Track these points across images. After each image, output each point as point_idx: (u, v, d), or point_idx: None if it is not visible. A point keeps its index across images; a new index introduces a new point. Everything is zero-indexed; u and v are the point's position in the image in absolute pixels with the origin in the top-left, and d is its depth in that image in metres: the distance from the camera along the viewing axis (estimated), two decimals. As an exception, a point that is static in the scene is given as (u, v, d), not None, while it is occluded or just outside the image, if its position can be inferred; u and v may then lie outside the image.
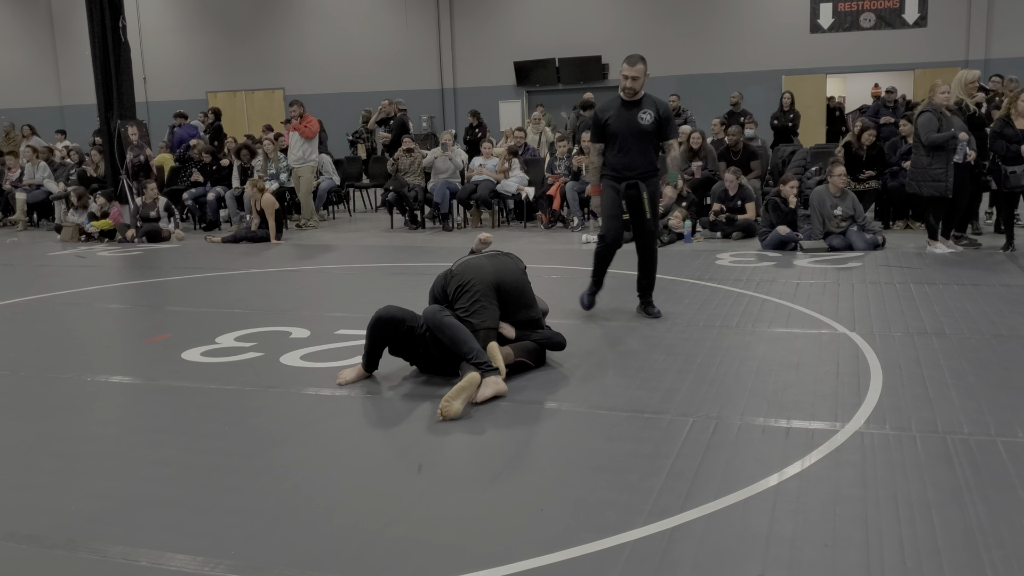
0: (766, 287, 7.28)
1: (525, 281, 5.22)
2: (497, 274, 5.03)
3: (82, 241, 12.14)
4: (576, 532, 3.04)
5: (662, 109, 6.13)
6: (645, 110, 6.07)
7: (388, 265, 8.92)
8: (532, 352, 5.06)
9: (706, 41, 19.98)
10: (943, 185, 8.54)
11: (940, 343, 5.38)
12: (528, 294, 5.19)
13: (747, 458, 3.67)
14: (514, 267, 5.21)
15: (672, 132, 6.27)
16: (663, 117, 6.10)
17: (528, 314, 5.14)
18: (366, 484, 3.54)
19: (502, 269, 5.10)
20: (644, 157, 6.15)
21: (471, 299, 4.87)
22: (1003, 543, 2.88)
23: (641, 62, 6.03)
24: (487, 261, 5.15)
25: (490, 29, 21.53)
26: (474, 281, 4.93)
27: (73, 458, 3.93)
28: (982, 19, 18.32)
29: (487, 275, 4.98)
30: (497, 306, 4.96)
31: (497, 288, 4.97)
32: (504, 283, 5.02)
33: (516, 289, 5.08)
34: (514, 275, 5.14)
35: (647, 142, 6.14)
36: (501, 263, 5.17)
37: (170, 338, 6.14)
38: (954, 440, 3.79)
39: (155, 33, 23.79)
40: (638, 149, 6.12)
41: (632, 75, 6.00)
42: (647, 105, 6.10)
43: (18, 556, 3.02)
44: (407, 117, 15.65)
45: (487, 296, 4.91)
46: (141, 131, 12.63)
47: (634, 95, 6.08)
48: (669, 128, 6.20)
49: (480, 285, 4.91)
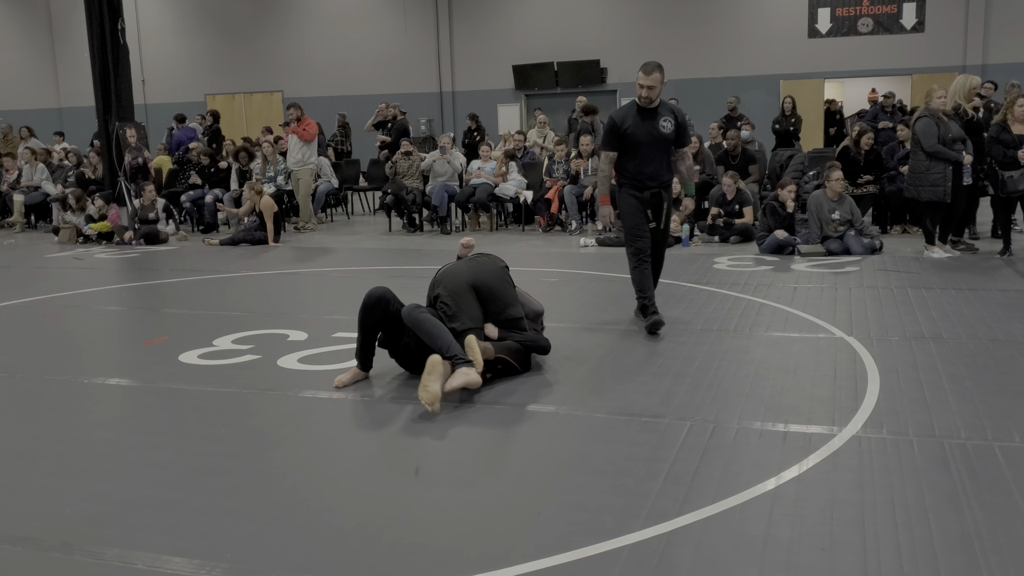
0: (763, 291, 7.28)
1: (504, 280, 5.21)
2: (473, 275, 5.05)
3: (80, 243, 12.14)
4: (573, 536, 3.04)
5: (679, 116, 6.07)
6: (665, 118, 5.98)
7: (386, 268, 8.92)
8: (514, 352, 5.02)
9: (704, 45, 20.02)
10: (941, 190, 8.56)
11: (937, 348, 5.39)
12: (507, 292, 5.16)
13: (744, 462, 3.67)
14: (492, 266, 5.21)
15: (687, 139, 6.22)
16: (680, 124, 6.05)
17: (509, 312, 5.11)
18: (363, 487, 3.54)
19: (478, 270, 5.12)
20: (666, 166, 6.11)
21: (450, 303, 4.90)
22: (1000, 548, 2.88)
23: (657, 70, 5.89)
24: (464, 265, 5.18)
25: (489, 32, 21.56)
26: (451, 286, 4.97)
27: (70, 460, 3.93)
28: (979, 24, 18.38)
29: (462, 278, 5.01)
30: (477, 306, 4.96)
31: (474, 288, 4.99)
32: (480, 282, 5.03)
33: (494, 288, 5.07)
34: (491, 274, 5.14)
35: (667, 150, 6.08)
36: (478, 264, 5.20)
37: (167, 340, 6.13)
38: (951, 445, 3.79)
39: (154, 35, 23.80)
40: (660, 158, 6.05)
41: (648, 84, 5.87)
42: (664, 112, 6.01)
43: (14, 559, 3.02)
44: (407, 121, 15.67)
45: (464, 298, 4.92)
46: (139, 133, 12.63)
47: (650, 103, 5.95)
48: (685, 136, 6.14)
49: (457, 288, 4.95)
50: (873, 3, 18.93)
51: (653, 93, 5.90)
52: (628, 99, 6.28)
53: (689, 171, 6.35)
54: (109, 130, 12.40)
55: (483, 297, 5.02)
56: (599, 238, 10.42)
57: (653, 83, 5.87)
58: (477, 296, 4.99)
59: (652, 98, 5.92)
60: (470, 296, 4.96)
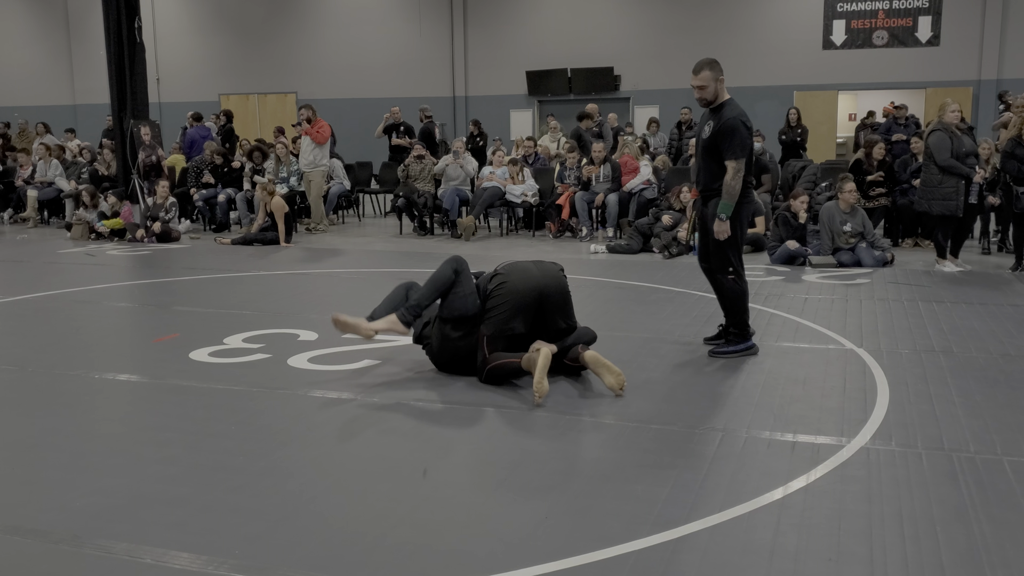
0: (774, 301, 7.27)
1: (567, 288, 5.12)
2: (542, 279, 4.97)
3: (92, 239, 12.19)
4: (580, 541, 3.04)
5: (722, 121, 5.41)
6: (709, 121, 5.51)
7: (396, 270, 8.93)
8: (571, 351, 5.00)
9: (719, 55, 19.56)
10: (953, 204, 8.53)
11: (947, 361, 5.37)
12: (570, 302, 5.12)
13: (752, 471, 3.66)
14: (556, 273, 5.11)
15: (727, 149, 5.38)
16: (716, 130, 5.41)
17: (567, 322, 5.08)
18: (370, 487, 3.55)
19: (547, 274, 5.03)
20: (706, 172, 5.57)
21: (499, 306, 4.87)
22: (1008, 562, 2.87)
23: (707, 68, 5.43)
24: (533, 266, 5.09)
25: (503, 38, 21.60)
26: (512, 289, 4.88)
27: (79, 455, 3.95)
28: (995, 39, 18.32)
29: (531, 281, 4.92)
30: (521, 323, 4.91)
31: (541, 294, 4.92)
32: (548, 289, 4.96)
33: (560, 296, 5.02)
34: (557, 281, 5.05)
35: (707, 156, 5.52)
36: (545, 269, 5.09)
37: (178, 338, 6.16)
38: (960, 458, 3.78)
39: (169, 34, 23.90)
40: (699, 162, 5.64)
41: (697, 84, 5.44)
42: (713, 115, 5.50)
43: (23, 551, 3.03)
44: (433, 125, 15.69)
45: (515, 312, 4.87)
46: (153, 131, 12.69)
47: (707, 104, 5.51)
48: (723, 142, 5.40)
49: (517, 297, 4.87)
50: (888, 16, 18.89)
51: (706, 93, 5.45)
52: (641, 107, 6.22)
53: (727, 188, 5.40)
54: (124, 128, 12.46)
55: (547, 305, 4.95)
56: (609, 245, 10.42)
57: (701, 82, 5.43)
58: (540, 303, 4.92)
59: (706, 98, 5.46)
60: (525, 310, 4.89)
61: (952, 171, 8.46)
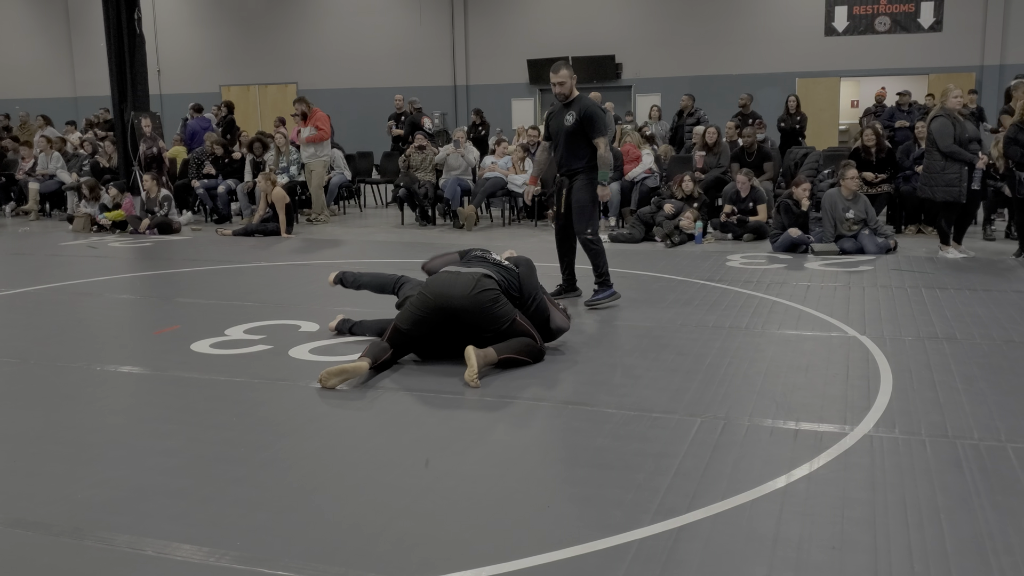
0: (776, 289, 7.25)
1: (485, 302, 4.93)
2: (449, 299, 4.94)
3: (94, 231, 12.18)
4: (582, 530, 3.03)
5: (583, 110, 6.52)
6: (571, 112, 6.56)
7: (398, 261, 8.91)
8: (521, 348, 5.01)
9: (720, 42, 19.94)
10: (956, 190, 8.50)
11: (951, 348, 5.35)
12: (494, 312, 4.97)
13: (755, 459, 3.65)
14: (468, 293, 4.92)
15: (594, 130, 6.52)
16: (580, 118, 6.51)
17: (492, 328, 4.99)
18: (372, 478, 3.54)
19: (459, 294, 4.93)
20: (569, 154, 6.67)
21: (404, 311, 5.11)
22: (1012, 549, 2.86)
23: (565, 67, 6.61)
24: (451, 281, 5.03)
25: (504, 27, 21.53)
26: (416, 302, 5.04)
27: (81, 447, 3.95)
28: (998, 24, 18.24)
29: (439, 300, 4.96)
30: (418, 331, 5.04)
31: (444, 310, 4.96)
32: (454, 306, 4.93)
33: (476, 310, 4.93)
34: (471, 300, 4.91)
35: (572, 140, 6.60)
36: (460, 287, 4.96)
37: (179, 329, 6.15)
38: (964, 445, 3.77)
39: (170, 26, 23.87)
40: (563, 149, 6.68)
41: (557, 81, 6.58)
42: (572, 107, 6.57)
43: (25, 543, 3.03)
44: (420, 116, 15.67)
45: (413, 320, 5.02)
46: (154, 123, 12.66)
47: (564, 99, 6.63)
48: (589, 126, 6.52)
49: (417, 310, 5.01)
50: (891, 2, 18.81)
51: (564, 88, 6.60)
52: (643, 95, 6.44)
53: (601, 160, 6.54)
54: (124, 119, 12.44)
55: (468, 317, 4.95)
56: (611, 234, 10.40)
57: (561, 79, 6.57)
58: (456, 317, 4.96)
59: (564, 93, 6.60)
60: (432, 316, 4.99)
61: (955, 157, 8.43)
